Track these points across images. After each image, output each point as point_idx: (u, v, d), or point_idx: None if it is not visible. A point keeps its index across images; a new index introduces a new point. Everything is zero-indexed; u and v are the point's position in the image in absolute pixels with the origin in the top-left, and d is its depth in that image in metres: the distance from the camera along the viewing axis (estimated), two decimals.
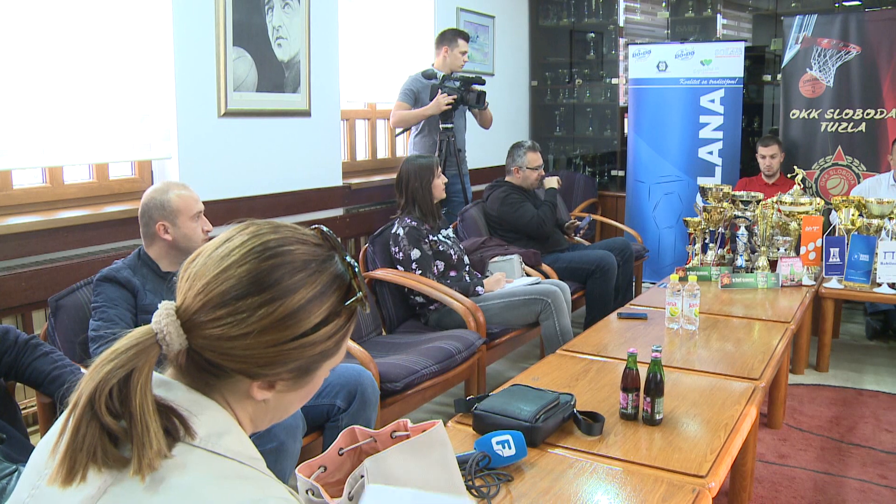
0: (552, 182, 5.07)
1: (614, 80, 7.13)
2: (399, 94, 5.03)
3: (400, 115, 4.99)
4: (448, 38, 5.08)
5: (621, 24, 7.10)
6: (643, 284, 5.91)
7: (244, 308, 0.96)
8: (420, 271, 3.86)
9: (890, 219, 4.36)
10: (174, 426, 0.94)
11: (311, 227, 1.09)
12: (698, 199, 4.94)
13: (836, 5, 6.33)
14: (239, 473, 0.95)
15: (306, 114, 4.52)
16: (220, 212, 3.83)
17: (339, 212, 4.85)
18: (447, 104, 4.92)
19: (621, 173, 7.01)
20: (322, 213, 4.70)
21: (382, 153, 5.66)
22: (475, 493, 1.86)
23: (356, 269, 1.07)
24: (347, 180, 4.95)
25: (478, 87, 5.04)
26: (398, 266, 3.93)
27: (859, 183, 5.60)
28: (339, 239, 1.09)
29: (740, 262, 4.41)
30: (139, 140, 3.72)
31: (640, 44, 6.55)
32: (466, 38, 5.13)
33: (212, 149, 3.96)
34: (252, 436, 2.22)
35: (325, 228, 1.10)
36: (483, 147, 6.15)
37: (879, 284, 4.26)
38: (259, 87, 4.17)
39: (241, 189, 4.13)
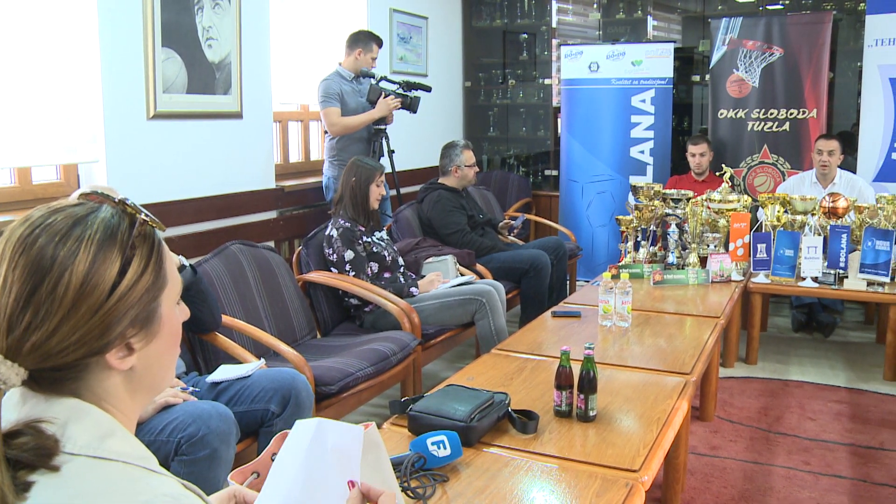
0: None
1: (547, 81, 7.19)
2: (322, 100, 4.88)
3: (345, 123, 4.86)
4: (363, 40, 5.00)
5: (554, 25, 7.17)
6: (577, 283, 5.97)
7: (41, 301, 0.93)
8: (354, 272, 3.84)
9: (813, 215, 4.49)
10: (47, 443, 0.91)
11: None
12: (630, 197, 5.01)
13: (761, 8, 6.49)
14: (126, 475, 0.93)
15: (238, 116, 4.45)
16: None
17: (272, 214, 4.79)
18: (395, 106, 4.89)
19: (555, 173, 7.08)
20: (255, 216, 4.63)
21: (315, 155, 5.61)
22: (411, 495, 1.85)
23: (129, 202, 1.02)
24: (280, 183, 4.88)
25: (417, 93, 5.04)
26: (332, 268, 3.90)
27: (784, 180, 5.74)
28: (107, 193, 1.03)
29: (671, 258, 4.49)
30: (64, 143, 3.62)
31: (573, 45, 6.62)
32: (380, 44, 5.08)
33: (141, 152, 3.87)
34: (184, 442, 2.20)
35: (87, 190, 1.05)
36: (416, 148, 6.14)
37: (803, 278, 4.38)
38: (189, 89, 4.09)
39: (171, 193, 4.05)
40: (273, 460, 1.79)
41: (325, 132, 4.99)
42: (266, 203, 4.72)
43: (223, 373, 2.74)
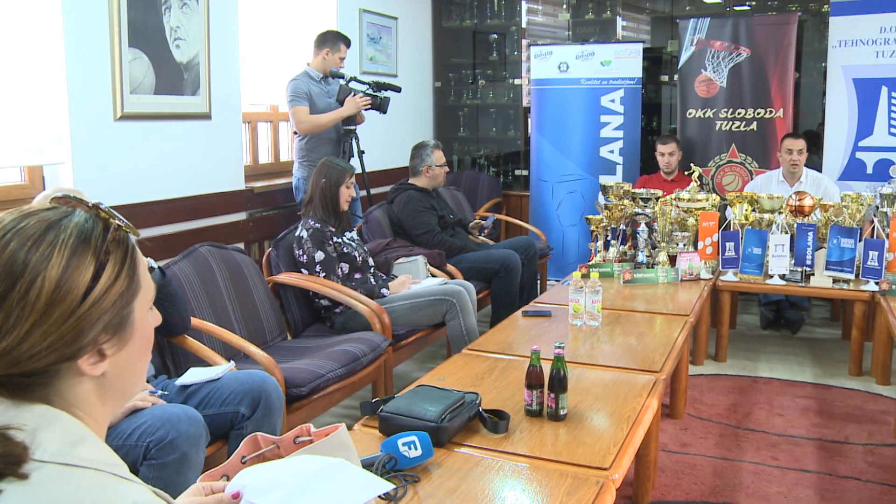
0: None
1: (517, 81, 7.21)
2: (291, 99, 4.85)
3: (313, 121, 4.85)
4: (331, 40, 4.98)
5: (523, 25, 7.19)
6: (548, 282, 6.00)
7: (12, 306, 0.92)
8: (324, 273, 3.83)
9: (780, 213, 4.54)
10: (16, 450, 0.90)
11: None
12: (600, 197, 5.04)
13: (728, 9, 6.55)
14: (97, 482, 0.92)
15: (207, 116, 4.42)
16: None
17: (242, 216, 4.76)
18: (364, 104, 4.88)
19: (525, 173, 7.10)
20: (224, 218, 4.60)
21: (285, 156, 5.58)
22: (382, 496, 1.85)
23: (103, 206, 1.02)
24: (250, 184, 4.86)
25: (386, 93, 5.03)
26: (302, 269, 3.88)
27: (752, 179, 5.80)
28: (79, 197, 1.03)
29: (641, 257, 4.53)
30: (28, 144, 3.57)
31: (542, 45, 6.65)
32: (348, 44, 5.07)
33: (108, 153, 3.83)
34: (153, 446, 2.18)
35: (59, 194, 1.04)
36: (386, 149, 6.13)
37: (771, 276, 4.43)
38: (157, 90, 4.06)
39: (139, 195, 4.01)
40: (243, 463, 1.79)
41: (295, 133, 4.97)
42: (235, 204, 4.69)
43: (192, 376, 2.72)
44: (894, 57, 5.58)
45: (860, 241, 4.32)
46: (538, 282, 5.42)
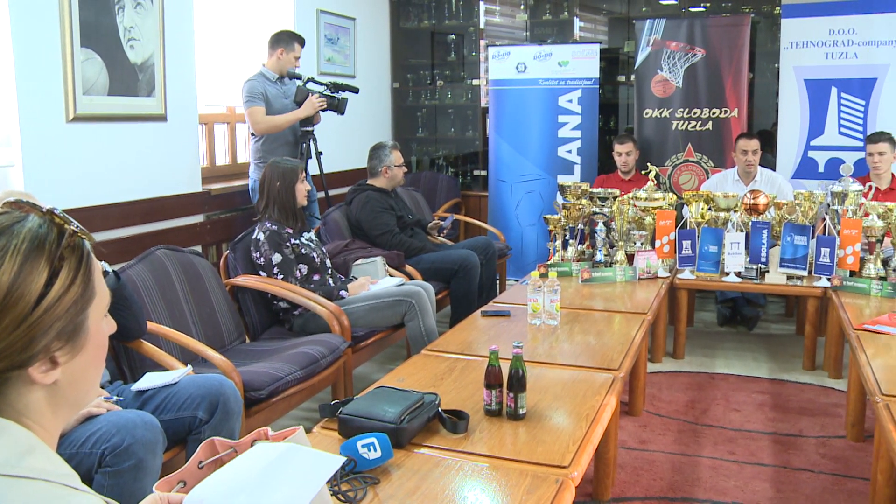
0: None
1: (475, 82, 7.23)
2: (246, 100, 4.82)
3: (270, 122, 4.82)
4: (285, 40, 4.95)
5: (481, 26, 7.21)
6: (507, 282, 6.01)
7: None
8: (282, 276, 3.80)
9: (735, 211, 4.60)
10: None
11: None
12: (558, 196, 5.07)
13: (683, 11, 6.63)
14: (47, 494, 0.90)
15: (162, 118, 4.37)
16: None
17: (199, 218, 4.72)
18: (320, 105, 4.86)
19: (483, 173, 7.11)
20: (181, 220, 4.56)
21: (243, 157, 5.53)
22: (341, 498, 1.84)
23: (58, 212, 1.00)
24: (207, 186, 4.81)
25: (344, 94, 5.01)
26: (260, 271, 3.85)
27: (708, 178, 5.88)
28: (31, 201, 1.02)
29: (599, 256, 4.56)
30: None
31: (500, 45, 6.67)
32: (303, 43, 5.04)
33: (60, 155, 3.77)
34: (109, 453, 2.15)
35: (11, 199, 1.03)
36: (345, 150, 6.11)
37: (727, 273, 4.49)
38: (111, 91, 4.00)
39: (93, 197, 3.95)
40: (200, 468, 1.77)
41: (252, 134, 4.93)
42: (192, 207, 4.64)
43: (149, 380, 2.68)
44: (843, 58, 5.70)
45: (813, 238, 4.40)
46: (497, 282, 5.43)
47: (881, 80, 5.62)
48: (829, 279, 4.25)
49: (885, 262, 4.32)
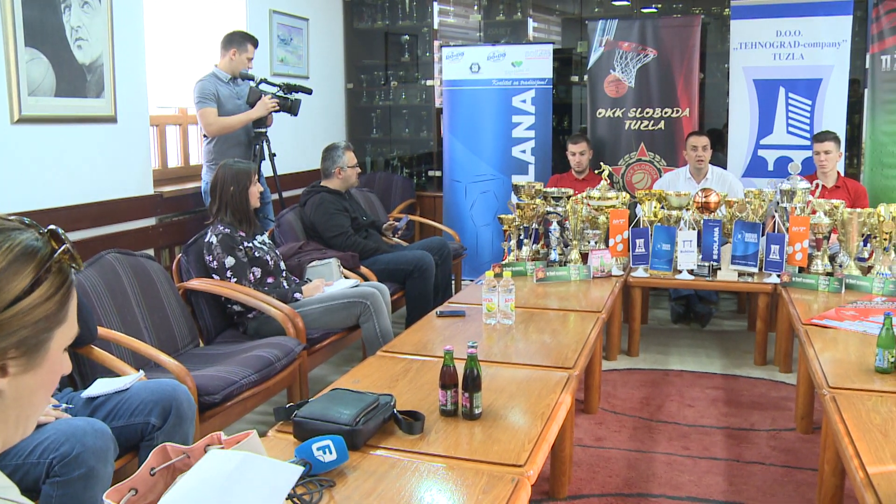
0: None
1: (429, 82, 7.22)
2: (198, 101, 4.77)
3: (222, 122, 4.77)
4: (238, 41, 4.91)
5: (435, 26, 7.20)
6: (463, 282, 6.02)
7: None
8: (235, 279, 3.76)
9: (687, 210, 4.66)
10: None
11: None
12: (512, 196, 5.10)
13: (635, 11, 6.70)
14: None
15: (112, 120, 4.30)
16: None
17: (151, 221, 4.65)
18: (272, 106, 4.82)
19: (438, 174, 7.11)
20: (133, 224, 4.49)
21: (195, 160, 5.47)
22: (297, 502, 1.83)
23: (60, 232, 1.02)
24: (159, 188, 4.75)
25: (297, 96, 4.98)
26: (213, 275, 3.80)
27: (661, 177, 5.95)
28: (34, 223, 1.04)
29: (554, 256, 4.59)
30: None
31: (454, 46, 6.68)
32: (256, 44, 5.00)
33: (5, 158, 3.69)
34: (57, 463, 2.10)
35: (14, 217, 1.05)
36: (298, 151, 6.07)
37: (680, 271, 4.54)
38: (58, 92, 3.92)
39: (41, 201, 3.87)
40: (152, 475, 1.75)
41: (205, 136, 4.88)
42: (144, 210, 4.58)
43: (99, 387, 2.64)
44: (790, 59, 5.81)
45: (763, 235, 4.47)
46: (452, 282, 5.44)
47: (826, 80, 5.74)
48: (778, 275, 4.32)
49: (832, 259, 4.42)
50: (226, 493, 1.30)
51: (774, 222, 4.48)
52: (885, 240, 4.17)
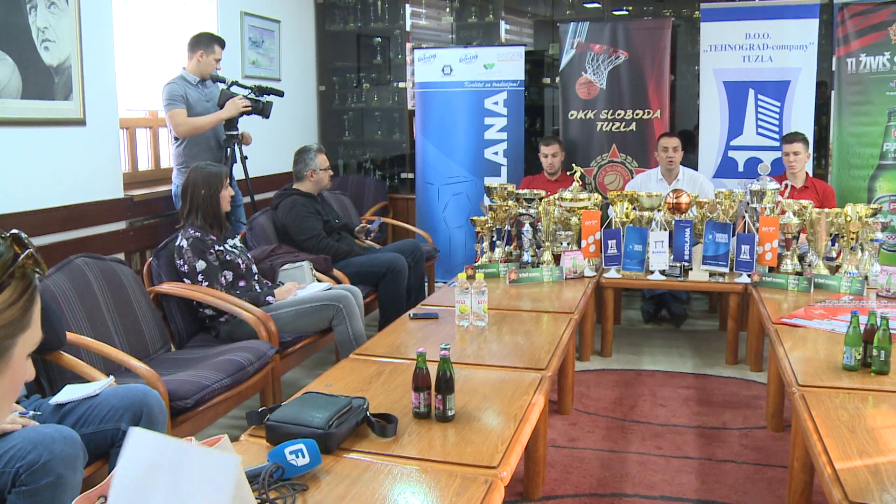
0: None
1: (402, 84, 7.22)
2: (167, 103, 4.74)
3: (191, 123, 4.74)
4: (205, 42, 4.88)
5: (408, 28, 7.20)
6: (436, 284, 6.02)
7: None
8: (206, 283, 3.73)
9: (659, 211, 4.69)
10: None
11: None
12: (485, 198, 5.10)
13: (606, 14, 6.73)
14: None
15: (81, 122, 4.25)
16: None
17: (121, 225, 4.61)
18: (244, 106, 4.79)
19: (411, 176, 7.11)
20: (103, 227, 4.44)
21: (166, 163, 5.42)
22: None
23: (23, 237, 1.01)
24: (129, 192, 4.71)
25: (269, 98, 4.95)
26: (184, 279, 3.77)
27: (632, 178, 5.99)
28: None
29: (526, 257, 4.60)
30: None
31: (426, 48, 6.68)
32: (223, 45, 4.97)
33: None
34: (24, 471, 2.07)
35: None
36: (270, 154, 6.04)
37: (652, 272, 4.57)
38: (24, 94, 3.87)
39: (7, 205, 3.82)
40: None
41: (175, 138, 4.84)
42: (114, 213, 4.53)
43: (68, 393, 2.60)
44: (759, 62, 5.87)
45: (733, 236, 4.51)
46: (426, 284, 5.44)
47: (794, 82, 5.80)
48: (749, 275, 4.36)
49: (801, 258, 4.46)
50: (174, 486, 1.27)
51: (745, 223, 4.52)
52: (852, 239, 4.23)
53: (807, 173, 5.40)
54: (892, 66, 5.56)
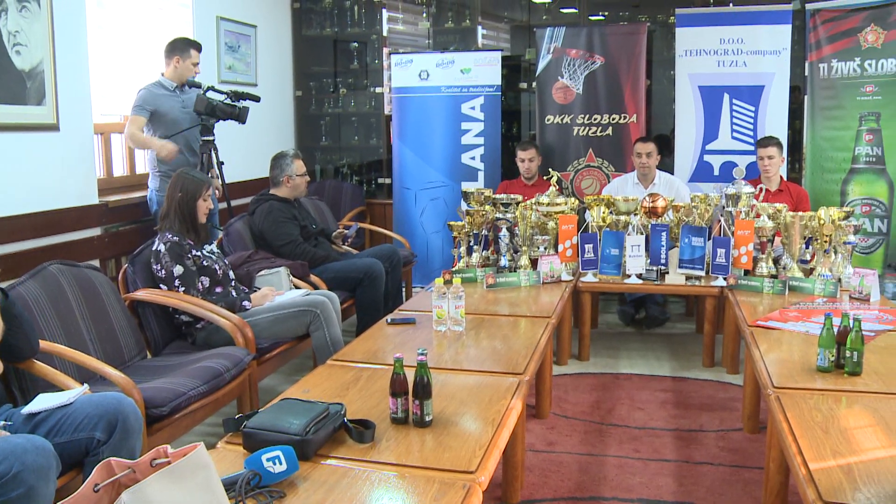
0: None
1: (378, 89, 7.21)
2: (133, 106, 4.72)
3: (137, 137, 4.70)
4: (180, 47, 4.86)
5: (384, 33, 7.20)
6: (413, 289, 6.02)
7: None
8: (183, 288, 3.71)
9: (635, 215, 4.72)
10: None
11: None
12: (462, 203, 5.11)
13: (583, 19, 6.76)
14: None
15: (54, 128, 4.22)
16: None
17: (96, 231, 4.57)
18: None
19: (388, 181, 7.10)
20: (77, 234, 4.41)
21: (142, 168, 5.39)
22: None
23: None
24: (104, 198, 4.67)
25: (245, 103, 4.93)
26: (161, 284, 3.75)
27: (609, 182, 6.01)
28: None
29: (504, 262, 4.61)
30: None
31: (403, 53, 6.68)
32: (199, 48, 4.95)
33: None
34: None
35: None
36: (247, 159, 6.01)
37: (629, 276, 4.59)
38: None
39: None
40: (96, 491, 1.71)
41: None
42: (89, 220, 4.50)
43: (41, 402, 2.57)
44: (734, 66, 5.92)
45: (709, 239, 4.54)
46: (403, 289, 5.43)
47: (768, 87, 5.86)
48: (725, 278, 4.40)
49: (776, 261, 4.50)
50: None
51: (720, 226, 4.56)
52: (825, 242, 4.27)
53: (781, 177, 5.45)
54: (862, 71, 5.63)
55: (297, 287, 4.35)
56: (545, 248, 4.74)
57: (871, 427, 2.28)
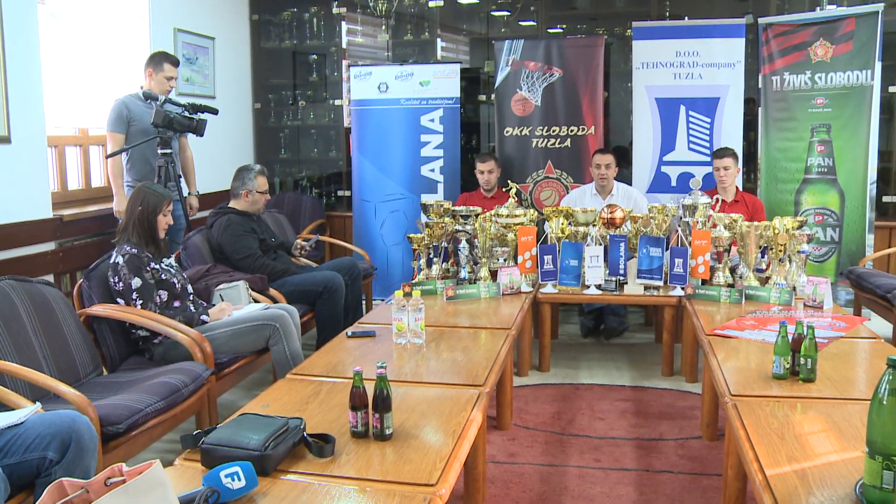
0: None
1: (338, 102, 7.20)
2: (108, 123, 4.75)
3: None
4: (155, 60, 4.86)
5: (343, 46, 7.19)
6: (374, 302, 6.00)
7: None
8: (141, 301, 3.66)
9: (594, 226, 4.75)
10: None
11: None
12: (422, 215, 5.11)
13: (540, 32, 6.82)
14: None
15: (5, 140, 4.14)
16: None
17: (50, 246, 4.49)
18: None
19: (347, 193, 7.08)
20: (30, 249, 4.32)
21: (98, 181, 5.31)
22: None
23: None
24: (59, 212, 4.59)
25: (202, 116, 4.89)
26: (118, 298, 3.69)
27: (568, 194, 6.06)
28: None
29: (463, 274, 4.62)
30: None
31: (362, 65, 6.68)
32: (174, 62, 4.94)
33: None
34: None
35: None
36: (205, 172, 5.95)
37: (588, 286, 4.62)
38: None
39: None
40: None
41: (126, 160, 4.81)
42: (42, 234, 4.42)
43: None
44: (689, 79, 6.01)
45: (667, 249, 4.59)
46: (363, 302, 5.41)
47: (723, 99, 5.96)
48: (682, 288, 4.44)
49: (733, 270, 4.56)
50: None
51: (678, 236, 4.61)
52: (780, 251, 4.34)
53: (737, 187, 5.53)
54: (813, 84, 5.76)
55: (256, 301, 4.31)
56: (505, 260, 4.75)
57: (824, 432, 2.31)
